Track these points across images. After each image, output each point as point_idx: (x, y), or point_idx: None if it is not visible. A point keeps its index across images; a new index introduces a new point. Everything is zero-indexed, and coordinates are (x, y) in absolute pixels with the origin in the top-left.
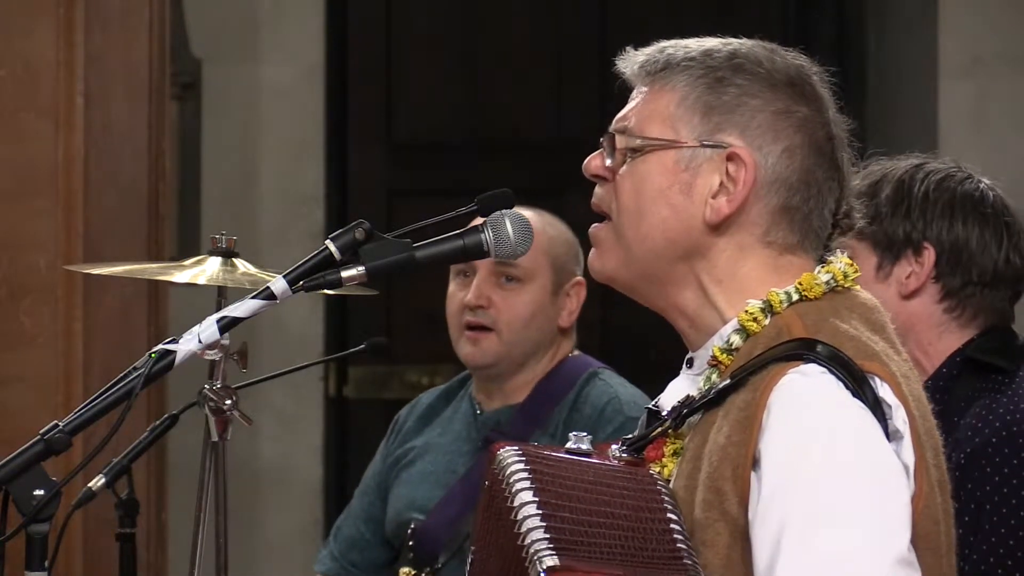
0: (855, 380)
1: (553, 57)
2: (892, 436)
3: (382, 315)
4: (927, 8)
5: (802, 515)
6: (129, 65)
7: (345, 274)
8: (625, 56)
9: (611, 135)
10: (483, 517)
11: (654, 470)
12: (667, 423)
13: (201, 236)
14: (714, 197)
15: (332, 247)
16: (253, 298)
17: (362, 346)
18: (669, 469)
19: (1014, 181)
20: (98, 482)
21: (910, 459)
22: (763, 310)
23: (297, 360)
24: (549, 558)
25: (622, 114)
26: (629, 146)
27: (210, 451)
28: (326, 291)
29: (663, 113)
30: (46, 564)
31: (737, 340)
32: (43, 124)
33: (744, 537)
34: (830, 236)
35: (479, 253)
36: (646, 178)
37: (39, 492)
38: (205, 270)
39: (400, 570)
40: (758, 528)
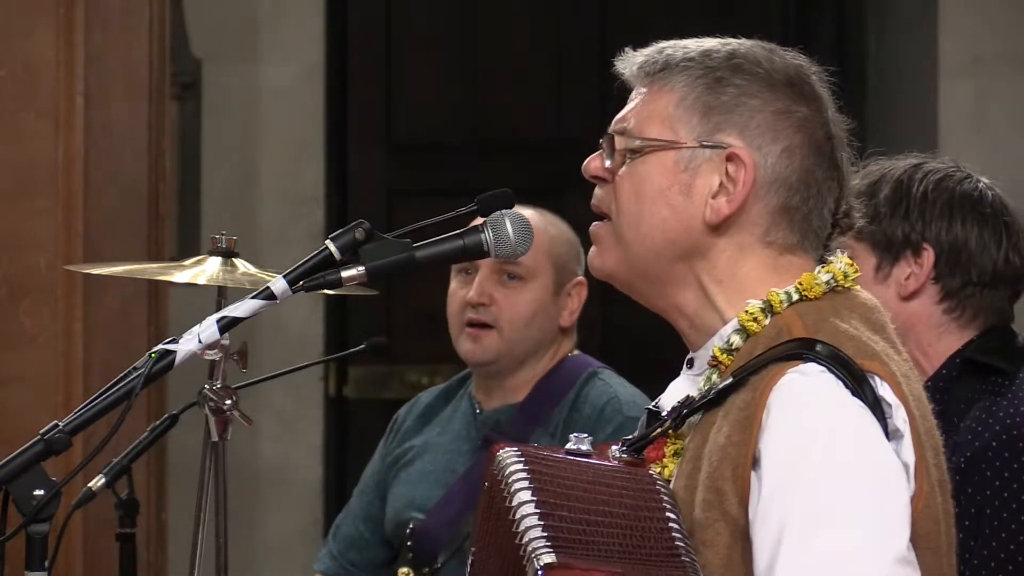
0: (855, 379)
1: (553, 57)
2: (892, 435)
3: (382, 315)
4: (927, 8)
5: (802, 515)
6: (129, 65)
7: (345, 274)
8: (624, 57)
9: (610, 136)
10: (483, 518)
11: (654, 470)
12: (667, 423)
13: (201, 236)
14: (714, 197)
15: (332, 247)
16: (253, 298)
17: (362, 346)
18: (669, 470)
19: (1014, 181)
20: (98, 482)
21: (910, 458)
22: (763, 310)
23: (297, 360)
24: (546, 555)
25: (621, 115)
26: (628, 147)
27: (210, 451)
28: (326, 291)
29: (662, 114)
30: (46, 564)
31: (737, 340)
32: (43, 124)
33: (744, 537)
34: (830, 236)
35: (479, 253)
36: (646, 179)
37: (39, 492)
38: (205, 270)
39: (399, 570)
40: (758, 528)
